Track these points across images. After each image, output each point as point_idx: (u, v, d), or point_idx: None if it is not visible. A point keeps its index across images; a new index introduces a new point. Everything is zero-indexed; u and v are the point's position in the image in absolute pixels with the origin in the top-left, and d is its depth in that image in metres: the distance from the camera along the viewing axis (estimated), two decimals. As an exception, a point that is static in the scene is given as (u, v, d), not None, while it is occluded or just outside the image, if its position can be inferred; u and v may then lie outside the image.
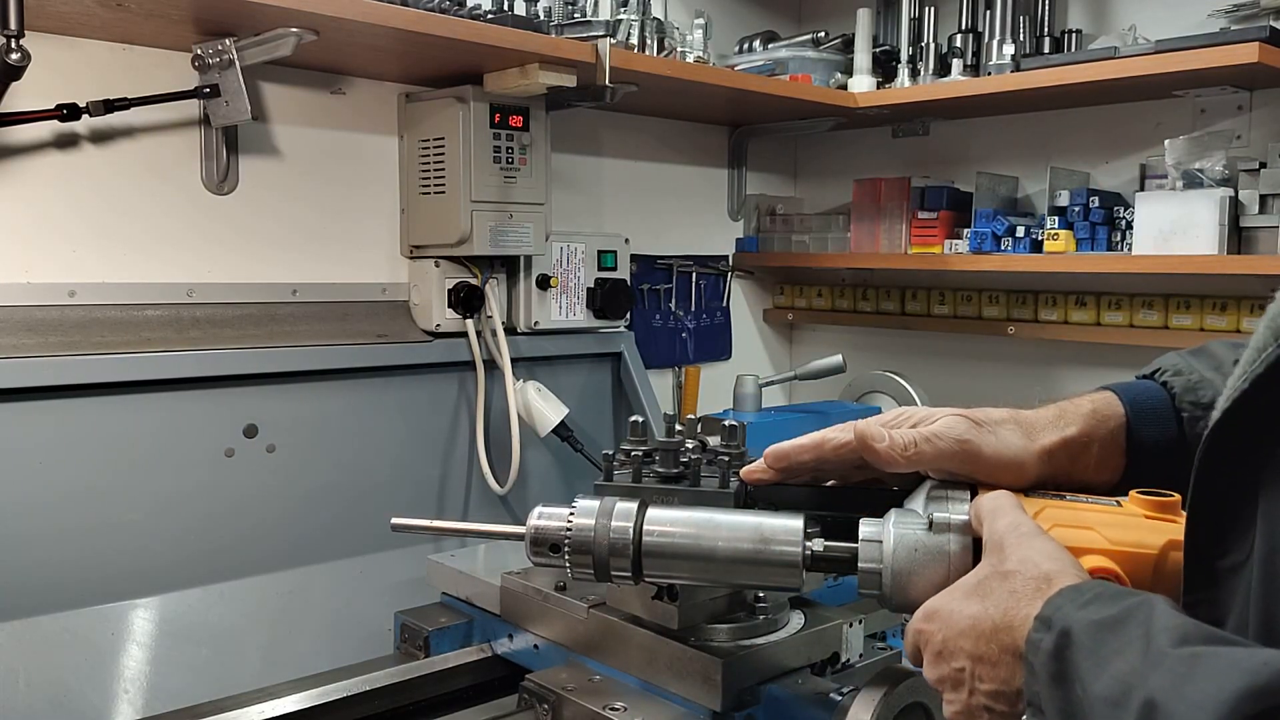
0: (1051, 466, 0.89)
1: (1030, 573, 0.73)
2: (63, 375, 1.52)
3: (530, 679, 1.18)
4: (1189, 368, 0.92)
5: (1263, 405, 0.66)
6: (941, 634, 0.76)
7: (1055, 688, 0.67)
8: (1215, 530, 0.70)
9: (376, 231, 1.95)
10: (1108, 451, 0.90)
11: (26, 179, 1.56)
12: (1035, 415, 0.91)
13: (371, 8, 1.52)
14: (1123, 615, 0.65)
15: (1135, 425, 0.90)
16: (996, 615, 0.73)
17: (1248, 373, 0.66)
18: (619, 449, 1.10)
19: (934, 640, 0.77)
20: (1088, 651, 0.65)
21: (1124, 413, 0.91)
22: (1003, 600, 0.73)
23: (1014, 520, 0.79)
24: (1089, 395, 0.93)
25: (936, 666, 0.77)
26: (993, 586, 0.75)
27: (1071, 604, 0.69)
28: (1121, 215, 2.06)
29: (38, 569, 1.49)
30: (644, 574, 0.95)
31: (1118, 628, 0.65)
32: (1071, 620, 0.67)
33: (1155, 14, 2.15)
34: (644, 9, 2.03)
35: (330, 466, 1.80)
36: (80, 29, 1.56)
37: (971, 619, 0.74)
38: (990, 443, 0.86)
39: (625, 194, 2.42)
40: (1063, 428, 0.89)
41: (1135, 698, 0.60)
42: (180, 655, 1.56)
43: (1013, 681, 0.72)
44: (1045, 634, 0.68)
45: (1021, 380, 2.43)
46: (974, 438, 0.86)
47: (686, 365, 2.58)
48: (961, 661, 0.75)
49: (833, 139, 2.67)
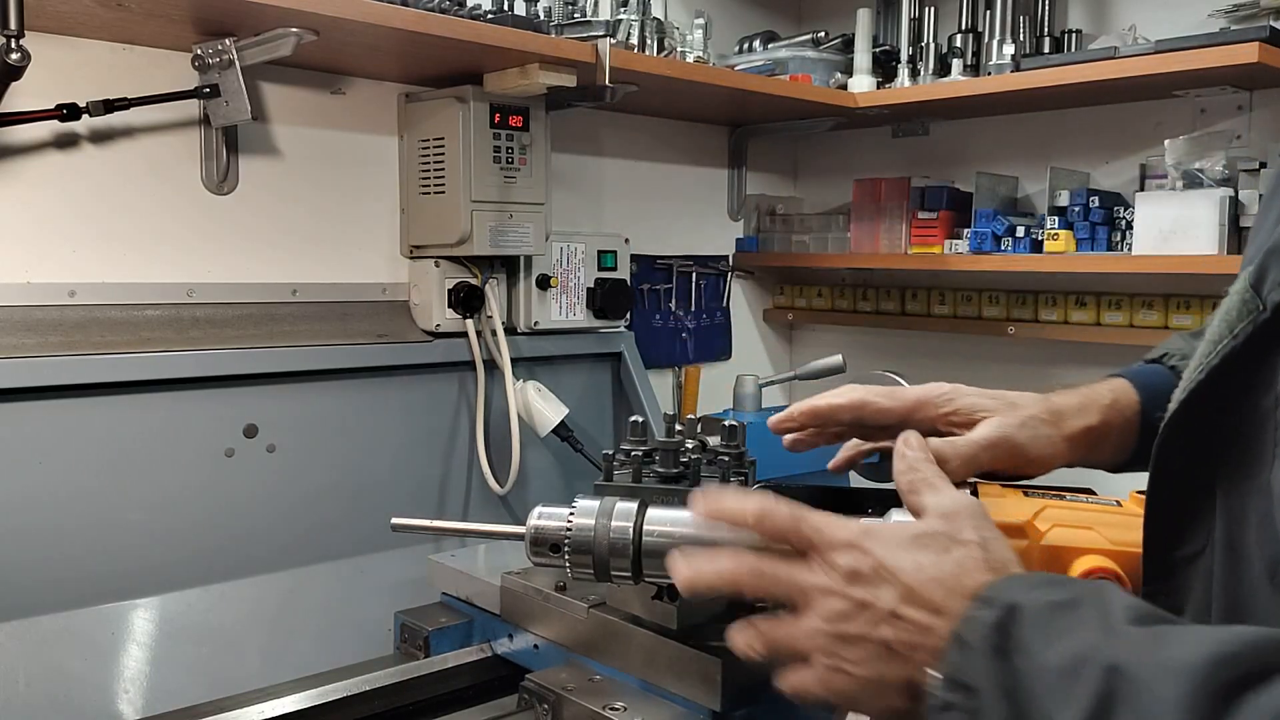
0: (1073, 453, 0.94)
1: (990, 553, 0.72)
2: (63, 375, 1.52)
3: (530, 679, 1.18)
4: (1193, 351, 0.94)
5: (1218, 397, 0.67)
6: (879, 558, 0.72)
7: (995, 660, 0.64)
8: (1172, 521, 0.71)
9: (376, 231, 1.95)
10: (1124, 438, 0.96)
11: (26, 179, 1.56)
12: (1061, 402, 0.96)
13: (371, 8, 1.52)
14: (1076, 597, 0.64)
15: (1148, 411, 0.95)
16: (950, 569, 0.70)
17: (1203, 364, 0.67)
18: (619, 449, 1.10)
19: (865, 559, 0.72)
20: (1038, 626, 0.63)
21: (1138, 400, 0.96)
22: (960, 560, 0.71)
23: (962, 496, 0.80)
24: (1108, 384, 0.98)
25: (849, 584, 0.72)
26: (947, 545, 0.72)
27: (1017, 587, 0.67)
28: (1121, 215, 2.06)
29: (38, 569, 1.49)
30: (644, 574, 0.95)
31: (1071, 608, 0.63)
32: (1020, 599, 0.65)
33: (1155, 14, 2.15)
34: (644, 9, 2.03)
35: (330, 466, 1.80)
36: (80, 29, 1.56)
37: (918, 562, 0.71)
38: (1031, 441, 0.92)
39: (625, 194, 2.42)
40: (1086, 417, 0.95)
41: (1093, 666, 0.58)
42: (180, 655, 1.56)
43: (929, 635, 0.69)
44: (987, 610, 0.66)
45: (1021, 380, 2.39)
46: (1022, 439, 0.91)
47: (686, 365, 2.58)
48: (886, 594, 0.71)
49: (833, 139, 2.67)
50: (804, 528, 0.76)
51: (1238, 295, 0.66)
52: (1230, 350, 0.65)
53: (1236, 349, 0.65)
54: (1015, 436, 0.91)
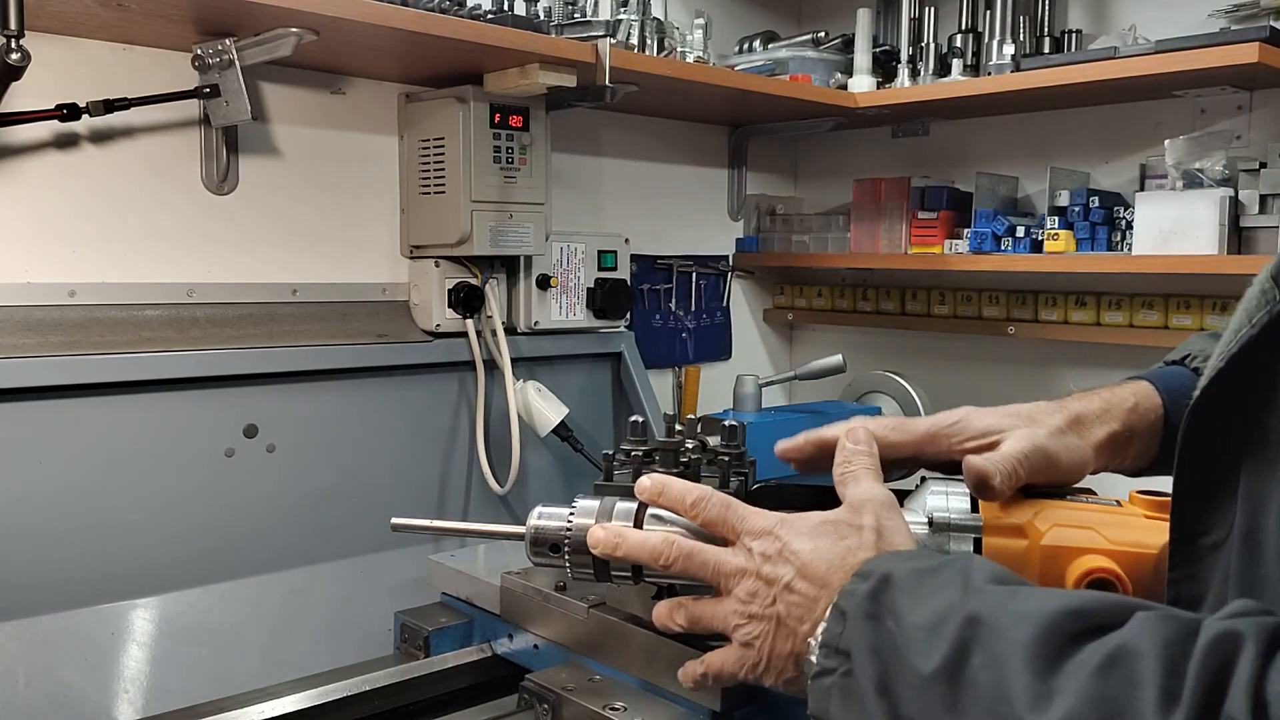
0: (1100, 459, 0.94)
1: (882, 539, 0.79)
2: (63, 375, 1.52)
3: (530, 679, 1.18)
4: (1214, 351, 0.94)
5: (1239, 384, 0.68)
6: (785, 542, 0.80)
7: (867, 624, 0.70)
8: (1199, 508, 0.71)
9: (376, 231, 1.95)
10: (1146, 442, 0.95)
11: (26, 179, 1.56)
12: (1083, 409, 0.95)
13: (371, 8, 1.52)
14: (941, 564, 0.71)
15: (1172, 414, 0.95)
16: (839, 550, 0.78)
17: (1225, 352, 0.68)
18: (619, 449, 1.10)
19: (774, 543, 0.81)
20: (906, 591, 0.69)
21: (1161, 404, 0.95)
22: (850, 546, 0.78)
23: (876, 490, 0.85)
24: (1129, 388, 0.97)
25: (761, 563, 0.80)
26: (845, 531, 0.80)
27: (891, 559, 0.75)
28: (1121, 215, 2.06)
29: (38, 569, 1.48)
30: (644, 574, 0.95)
31: (936, 573, 0.70)
32: (893, 569, 0.72)
33: (1155, 14, 2.15)
34: (644, 9, 2.03)
35: (330, 466, 1.80)
36: (80, 29, 1.56)
37: (815, 545, 0.79)
38: (1063, 452, 0.91)
39: (625, 194, 2.42)
40: (1109, 423, 0.94)
41: (954, 618, 0.64)
42: (180, 655, 1.55)
43: (814, 608, 0.76)
44: (863, 583, 0.73)
45: (1021, 380, 2.43)
46: (1055, 449, 0.91)
47: (686, 365, 2.58)
48: (784, 571, 0.79)
49: (833, 139, 2.67)
50: (730, 516, 0.85)
51: (1257, 286, 0.68)
52: (1248, 339, 0.66)
53: (1254, 338, 0.66)
54: (1048, 447, 0.90)
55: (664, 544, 0.86)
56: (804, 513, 0.83)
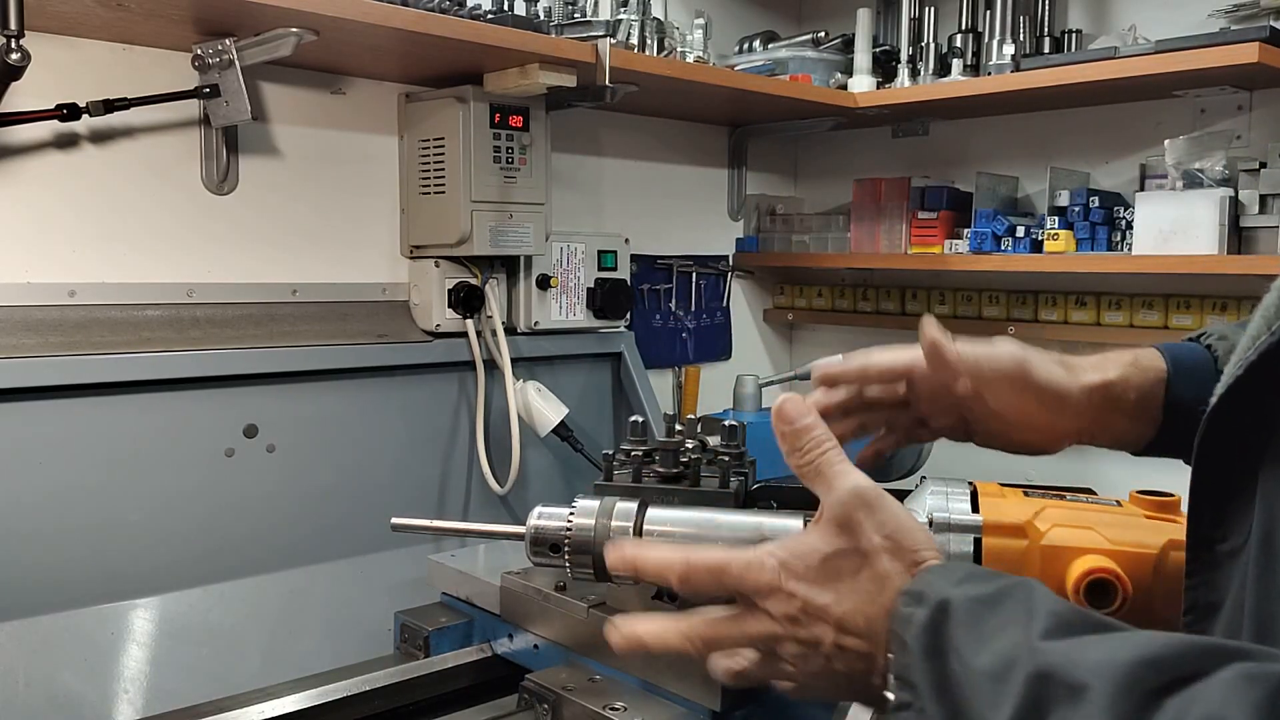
0: (1091, 406, 0.91)
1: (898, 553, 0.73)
2: (63, 375, 1.52)
3: (530, 679, 1.18)
4: (1235, 334, 0.93)
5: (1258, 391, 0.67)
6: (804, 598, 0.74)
7: (929, 660, 0.66)
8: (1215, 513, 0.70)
9: (376, 231, 1.95)
10: (1145, 402, 0.92)
11: (26, 179, 1.56)
12: (1076, 359, 0.94)
13: (371, 8, 1.52)
14: (1001, 593, 0.66)
15: (1175, 381, 0.92)
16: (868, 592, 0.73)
17: (1243, 359, 0.67)
18: (619, 449, 1.10)
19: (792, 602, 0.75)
20: (966, 626, 0.65)
21: (1165, 367, 0.93)
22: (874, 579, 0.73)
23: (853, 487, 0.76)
24: (1131, 350, 0.95)
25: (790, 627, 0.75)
26: (858, 564, 0.74)
27: (944, 580, 0.69)
28: (1121, 215, 2.06)
29: (38, 569, 1.48)
30: (645, 574, 0.95)
31: (997, 605, 0.65)
32: (949, 594, 0.67)
33: (1155, 14, 2.15)
34: (644, 9, 2.03)
35: (330, 466, 1.80)
36: (80, 29, 1.56)
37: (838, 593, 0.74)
38: (1041, 369, 0.90)
39: (625, 194, 2.42)
40: (1104, 370, 0.92)
41: (1020, 669, 0.60)
42: (180, 655, 1.55)
43: (873, 661, 0.73)
44: (917, 608, 0.68)
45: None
46: (1029, 361, 0.89)
47: (686, 365, 2.58)
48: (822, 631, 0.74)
49: (833, 139, 2.67)
50: (727, 582, 0.77)
51: (1276, 293, 0.67)
52: (1268, 346, 0.65)
53: (1274, 345, 0.65)
54: (1021, 354, 0.89)
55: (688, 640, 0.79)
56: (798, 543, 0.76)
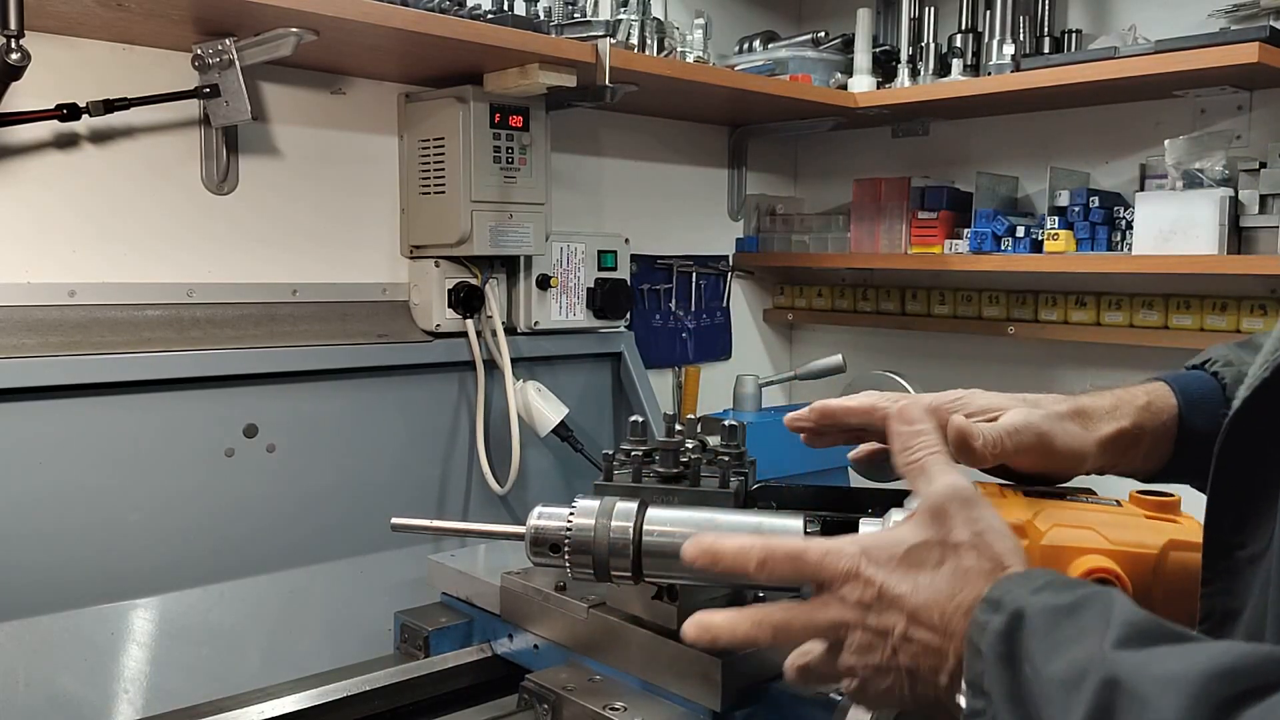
0: (1105, 455, 0.90)
1: (985, 552, 0.72)
2: (63, 375, 1.52)
3: (530, 679, 1.18)
4: (1239, 359, 0.93)
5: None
6: (880, 584, 0.73)
7: (1003, 668, 0.64)
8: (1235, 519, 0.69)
9: (376, 231, 1.95)
10: (1157, 441, 0.91)
11: (26, 179, 1.56)
12: (1092, 404, 0.92)
13: (371, 8, 1.52)
14: (1079, 602, 0.64)
15: (1186, 415, 0.92)
16: (947, 587, 0.71)
17: (1269, 361, 0.67)
18: (619, 449, 1.10)
19: (869, 588, 0.73)
20: (1041, 634, 0.63)
21: (1176, 404, 0.92)
22: (954, 574, 0.71)
23: (952, 482, 0.76)
24: (1143, 386, 0.94)
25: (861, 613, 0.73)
26: (942, 555, 0.73)
27: (1022, 588, 0.67)
28: (1121, 215, 2.06)
29: (38, 569, 1.48)
30: (644, 574, 0.95)
31: (1074, 614, 0.64)
32: (1025, 602, 0.66)
33: (1155, 14, 2.15)
34: (644, 9, 2.03)
35: (330, 466, 1.80)
36: (80, 29, 1.56)
37: (916, 583, 0.72)
38: (1060, 434, 0.87)
39: (625, 194, 2.42)
40: (1118, 419, 0.90)
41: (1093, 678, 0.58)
42: (180, 655, 1.56)
43: (943, 658, 0.70)
44: (993, 615, 0.66)
45: (1021, 380, 2.41)
46: (1049, 429, 0.87)
47: (686, 365, 2.58)
48: (893, 620, 0.72)
49: (833, 139, 2.67)
50: (805, 569, 0.76)
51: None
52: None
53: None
54: (1040, 425, 0.87)
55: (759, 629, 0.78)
56: (882, 534, 0.76)
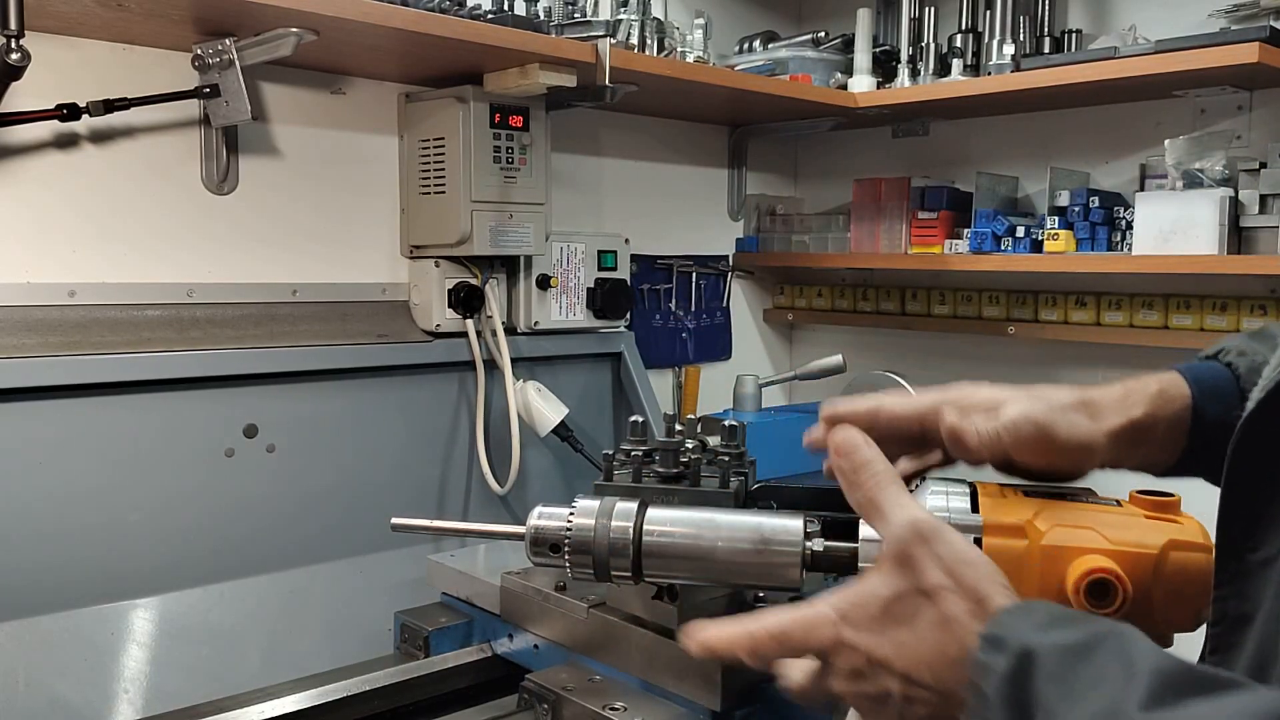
0: (1117, 449, 0.87)
1: (962, 590, 0.69)
2: (63, 375, 1.52)
3: (530, 679, 1.18)
4: (1253, 349, 0.91)
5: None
6: (865, 652, 0.71)
7: (1012, 713, 0.61)
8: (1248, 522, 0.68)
9: (376, 231, 1.95)
10: (1172, 433, 0.88)
11: (26, 179, 1.56)
12: (1101, 396, 0.89)
13: (371, 8, 1.52)
14: (1092, 642, 0.61)
15: (1200, 405, 0.89)
16: (931, 643, 0.69)
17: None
18: (619, 449, 1.10)
19: (855, 656, 0.72)
20: (1055, 679, 0.60)
21: (1190, 394, 0.89)
22: (934, 626, 0.69)
23: (909, 519, 0.73)
24: (1155, 376, 0.91)
25: (855, 682, 0.72)
26: (916, 606, 0.70)
27: (1024, 624, 0.64)
28: (1121, 215, 2.06)
29: (38, 569, 1.48)
30: (644, 574, 0.95)
31: (1089, 655, 0.60)
32: (1032, 641, 0.62)
33: (1155, 14, 2.15)
34: (644, 9, 2.03)
35: (330, 466, 1.80)
36: (80, 29, 1.56)
37: (899, 644, 0.70)
38: (1063, 428, 0.84)
39: (625, 194, 2.42)
40: (1128, 409, 0.87)
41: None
42: (180, 655, 1.56)
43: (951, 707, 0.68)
44: (997, 655, 0.63)
45: (1021, 380, 2.39)
46: (1050, 421, 0.84)
47: (686, 365, 2.58)
48: (889, 683, 0.70)
49: (833, 139, 2.67)
50: (791, 646, 0.76)
51: None
52: None
53: None
54: (1040, 417, 0.83)
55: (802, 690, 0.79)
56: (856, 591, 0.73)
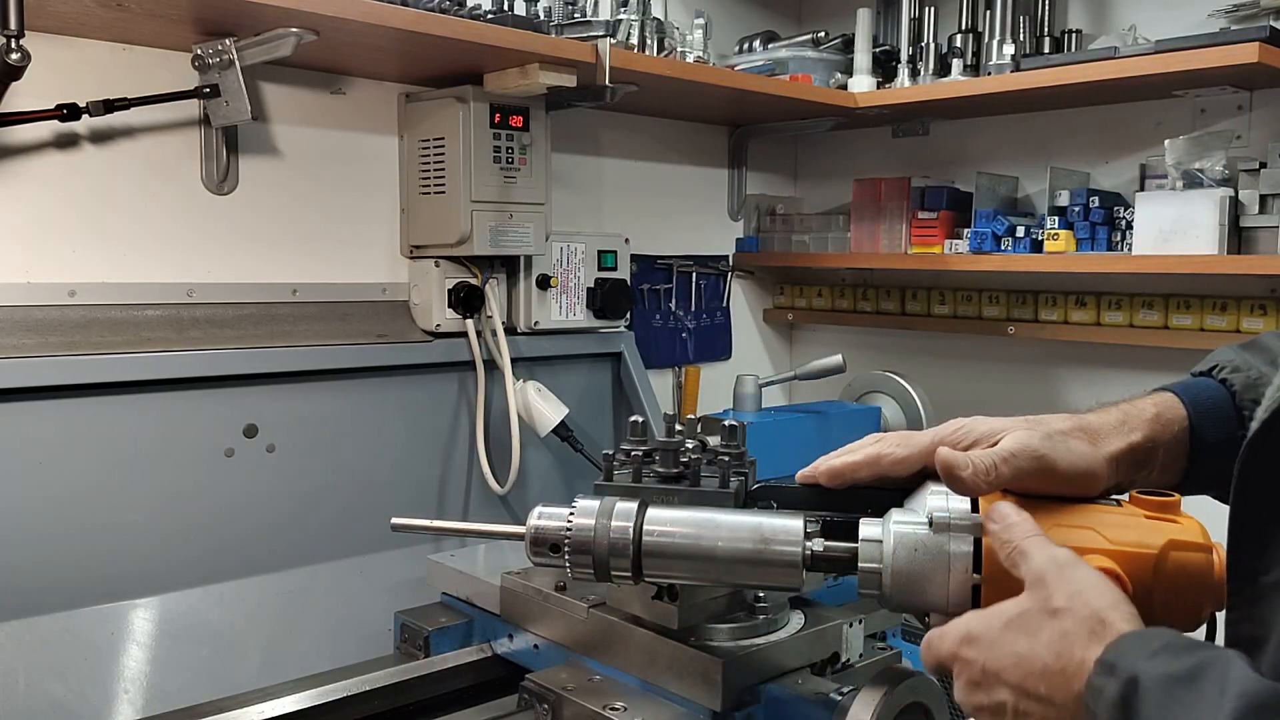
0: (1118, 473, 0.87)
1: (1082, 612, 0.71)
2: (63, 375, 1.52)
3: (530, 679, 1.18)
4: (1246, 364, 0.91)
5: None
6: (982, 663, 0.74)
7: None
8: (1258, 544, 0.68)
9: (376, 231, 1.95)
10: (1172, 455, 0.89)
11: (26, 179, 1.56)
12: (1098, 420, 0.89)
13: (371, 8, 1.52)
14: (1196, 671, 0.63)
15: (1198, 426, 0.89)
16: (1048, 656, 0.70)
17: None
18: (619, 449, 1.10)
19: (972, 668, 0.74)
20: (1157, 705, 0.62)
21: (1186, 415, 0.89)
22: (1053, 641, 0.71)
23: (1050, 554, 0.75)
24: (1150, 398, 0.92)
25: (972, 694, 0.75)
26: (1040, 623, 0.72)
27: (1137, 651, 0.66)
28: (1121, 215, 2.06)
29: (38, 569, 1.49)
30: (644, 574, 0.95)
31: (1191, 684, 0.62)
32: (1140, 669, 0.64)
33: (1155, 14, 2.15)
34: (644, 9, 2.03)
35: (330, 466, 1.80)
36: (80, 29, 1.56)
37: (1017, 655, 0.72)
38: (1063, 455, 0.84)
39: (625, 194, 2.42)
40: (1128, 434, 0.88)
41: None
42: (180, 655, 1.56)
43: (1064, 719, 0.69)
44: (1109, 679, 0.65)
45: (1021, 380, 2.43)
46: (1047, 451, 0.84)
47: (686, 365, 2.58)
48: (1003, 695, 0.72)
49: (833, 139, 2.67)
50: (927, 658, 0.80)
51: None
52: None
53: None
54: (1038, 447, 0.83)
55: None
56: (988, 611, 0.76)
